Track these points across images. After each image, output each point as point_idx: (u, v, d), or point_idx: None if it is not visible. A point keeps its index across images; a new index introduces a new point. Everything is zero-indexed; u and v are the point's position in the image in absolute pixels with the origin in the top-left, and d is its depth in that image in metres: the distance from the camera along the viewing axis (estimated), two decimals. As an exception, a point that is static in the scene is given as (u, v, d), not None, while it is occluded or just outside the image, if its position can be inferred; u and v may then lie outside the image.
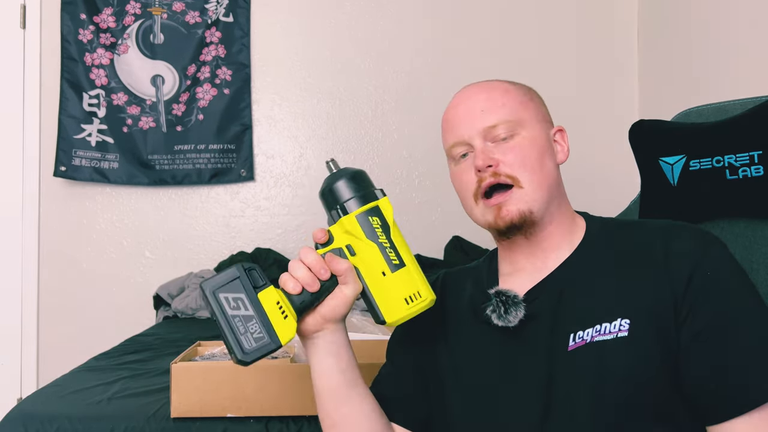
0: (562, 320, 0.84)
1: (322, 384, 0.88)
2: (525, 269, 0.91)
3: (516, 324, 0.85)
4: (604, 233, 0.90)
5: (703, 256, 0.80)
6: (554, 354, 0.83)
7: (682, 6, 2.51)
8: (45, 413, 1.27)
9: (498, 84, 0.92)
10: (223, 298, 0.79)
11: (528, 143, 0.87)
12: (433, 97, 2.75)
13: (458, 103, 0.92)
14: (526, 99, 0.91)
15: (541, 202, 0.87)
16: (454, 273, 1.02)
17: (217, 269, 2.59)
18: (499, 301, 0.86)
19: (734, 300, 0.79)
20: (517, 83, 0.93)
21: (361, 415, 0.89)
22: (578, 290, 0.86)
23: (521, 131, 0.88)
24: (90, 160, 2.73)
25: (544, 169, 0.88)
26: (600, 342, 0.80)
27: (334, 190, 0.85)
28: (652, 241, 0.84)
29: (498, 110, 0.88)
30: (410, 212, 2.84)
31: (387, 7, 2.88)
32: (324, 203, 0.86)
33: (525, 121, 0.88)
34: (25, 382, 2.70)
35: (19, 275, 2.72)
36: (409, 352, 0.97)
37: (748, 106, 1.32)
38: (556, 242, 0.90)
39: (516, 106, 0.89)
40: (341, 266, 0.82)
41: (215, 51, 2.80)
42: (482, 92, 0.90)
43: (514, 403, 0.85)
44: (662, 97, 2.70)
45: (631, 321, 0.80)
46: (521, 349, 0.86)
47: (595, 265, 0.87)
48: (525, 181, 0.86)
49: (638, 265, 0.83)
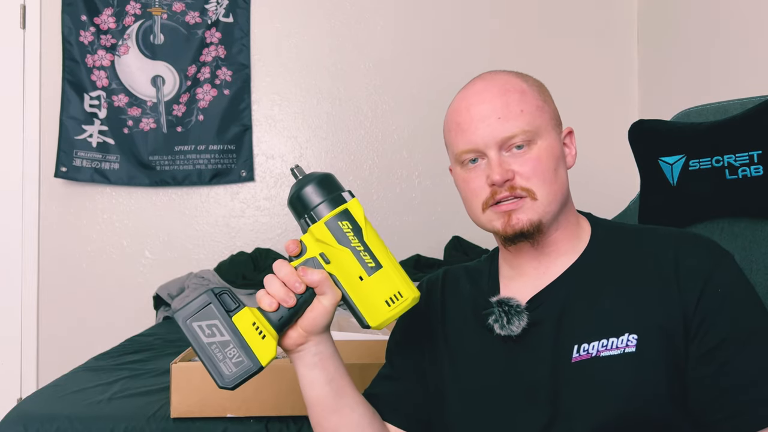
0: (567, 330, 0.83)
1: (309, 395, 0.86)
2: (528, 274, 0.90)
3: (519, 333, 0.84)
4: (611, 239, 0.89)
5: (713, 272, 0.80)
6: (558, 364, 0.82)
7: (682, 6, 2.51)
8: (45, 413, 1.27)
9: (513, 83, 0.87)
10: (196, 326, 0.78)
11: (545, 154, 0.84)
12: (433, 97, 2.75)
13: (471, 105, 0.86)
14: (541, 101, 0.87)
15: (552, 213, 0.85)
16: (454, 270, 1.00)
17: (217, 269, 2.59)
18: (501, 311, 0.85)
19: (746, 316, 0.79)
20: (529, 78, 0.89)
21: (351, 424, 0.87)
22: (583, 299, 0.84)
23: (538, 140, 0.84)
24: (91, 161, 2.73)
25: (558, 179, 0.85)
26: (606, 357, 0.79)
27: (302, 198, 0.81)
28: (661, 252, 0.83)
29: (516, 119, 0.83)
30: (410, 212, 2.84)
31: (387, 8, 2.88)
32: (293, 212, 0.83)
33: (542, 129, 0.85)
34: (25, 382, 2.70)
35: (19, 275, 2.72)
36: (409, 354, 0.96)
37: (748, 106, 1.32)
38: (561, 248, 0.89)
39: (533, 111, 0.85)
40: (315, 277, 0.79)
41: (215, 51, 2.80)
42: (498, 95, 0.85)
43: (515, 410, 0.84)
44: (662, 97, 2.70)
45: (639, 337, 0.79)
46: (524, 357, 0.85)
47: (600, 273, 0.86)
48: (540, 194, 0.83)
49: (646, 277, 0.82)
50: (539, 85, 0.90)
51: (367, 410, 0.90)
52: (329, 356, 0.85)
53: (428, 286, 1.00)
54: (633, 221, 1.54)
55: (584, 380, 0.80)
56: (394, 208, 2.84)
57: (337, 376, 0.86)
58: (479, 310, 0.89)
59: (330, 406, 0.86)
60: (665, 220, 1.43)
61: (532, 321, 0.84)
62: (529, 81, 0.89)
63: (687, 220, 1.41)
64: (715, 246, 0.84)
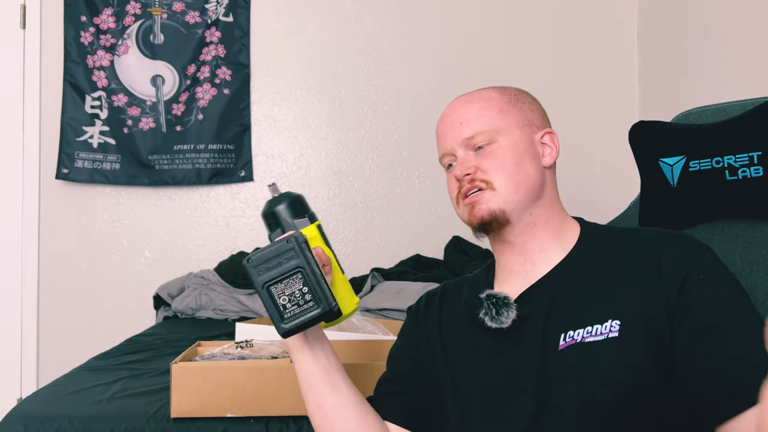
0: (554, 321, 0.87)
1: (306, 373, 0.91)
2: (517, 273, 0.94)
3: (509, 325, 0.88)
4: (598, 239, 0.93)
5: (693, 262, 0.83)
6: (545, 353, 0.85)
7: (682, 6, 2.51)
8: (45, 413, 1.27)
9: (483, 94, 0.97)
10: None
11: (505, 149, 0.92)
12: (433, 97, 2.75)
13: (444, 116, 0.98)
14: (507, 106, 0.95)
15: (515, 203, 0.91)
16: (453, 283, 1.05)
17: (217, 269, 2.59)
18: (490, 304, 0.89)
19: (729, 300, 0.81)
20: (506, 90, 0.98)
21: (350, 403, 0.91)
22: (570, 293, 0.88)
23: (498, 138, 0.92)
24: (92, 162, 2.73)
25: (522, 172, 0.92)
26: (590, 343, 0.82)
27: (303, 201, 0.94)
28: (646, 250, 0.87)
29: (475, 121, 0.93)
30: (410, 212, 2.84)
31: (387, 8, 2.88)
32: (290, 213, 0.92)
33: (503, 129, 0.93)
34: (25, 382, 2.70)
35: (19, 275, 2.72)
36: (407, 360, 1.00)
37: (747, 107, 1.32)
38: (541, 243, 0.93)
39: (494, 114, 0.94)
40: (325, 256, 0.89)
41: (215, 51, 2.80)
42: (464, 105, 0.96)
43: (507, 402, 0.86)
44: (662, 98, 2.70)
45: (621, 322, 0.82)
46: (514, 350, 0.88)
47: (588, 269, 0.89)
48: (498, 184, 0.91)
49: (631, 272, 0.86)
50: (517, 94, 0.98)
51: (364, 402, 0.93)
52: (322, 338, 0.93)
53: (427, 299, 1.05)
54: (633, 222, 1.54)
55: (569, 366, 0.83)
56: (394, 208, 2.84)
57: (331, 356, 0.92)
58: (473, 311, 0.93)
59: (327, 385, 0.90)
60: (665, 221, 1.43)
61: (521, 315, 0.88)
62: (505, 92, 0.98)
63: (687, 221, 1.41)
64: (696, 242, 0.87)
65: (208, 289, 2.46)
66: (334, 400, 0.90)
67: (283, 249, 0.81)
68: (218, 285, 2.47)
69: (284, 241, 0.81)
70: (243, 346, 1.32)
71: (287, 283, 0.80)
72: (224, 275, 2.51)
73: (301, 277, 0.80)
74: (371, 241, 2.80)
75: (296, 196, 0.94)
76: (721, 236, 1.34)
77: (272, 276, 0.80)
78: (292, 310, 0.80)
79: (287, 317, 0.80)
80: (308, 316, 0.80)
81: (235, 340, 1.39)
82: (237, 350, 1.30)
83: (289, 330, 0.81)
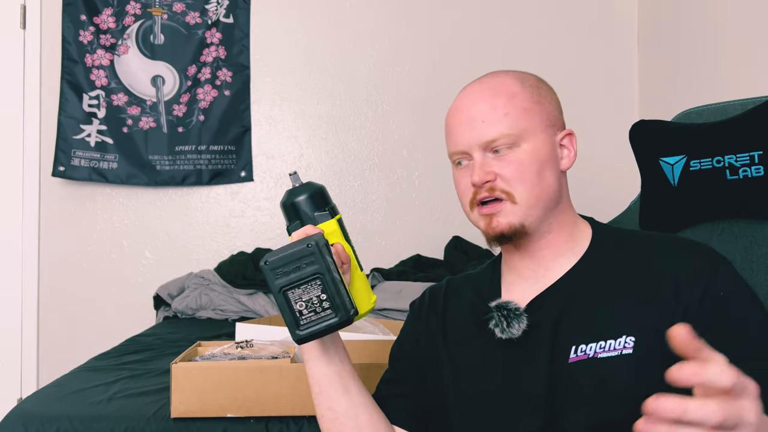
0: (565, 331, 0.84)
1: (318, 374, 0.88)
2: (527, 277, 0.91)
3: (520, 335, 0.85)
4: (611, 244, 0.89)
5: (712, 278, 0.80)
6: (555, 365, 0.82)
7: (682, 7, 2.51)
8: (45, 413, 1.27)
9: (503, 84, 0.88)
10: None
11: (528, 156, 0.85)
12: (433, 97, 2.76)
13: (461, 108, 0.89)
14: (532, 103, 0.87)
15: (535, 216, 0.86)
16: (457, 279, 1.02)
17: (217, 269, 2.59)
18: (500, 315, 0.86)
19: (751, 315, 0.79)
20: (526, 79, 0.90)
21: (361, 406, 0.88)
22: (582, 301, 0.85)
23: (522, 143, 0.85)
24: (89, 161, 2.73)
25: (543, 182, 0.86)
26: (603, 359, 0.80)
27: (325, 193, 0.90)
28: (662, 259, 0.84)
29: (500, 122, 0.85)
30: (410, 212, 2.84)
31: (387, 8, 2.88)
32: (311, 206, 0.88)
33: (528, 132, 0.86)
34: (25, 382, 2.70)
35: (20, 275, 2.72)
36: (410, 360, 0.98)
37: (748, 106, 1.32)
38: (558, 250, 0.89)
39: (519, 114, 0.86)
40: (345, 254, 0.85)
41: (216, 52, 2.80)
42: (486, 99, 0.87)
43: (514, 414, 0.84)
44: (662, 98, 2.70)
45: (636, 339, 0.79)
46: (523, 359, 0.85)
47: (600, 276, 0.86)
48: (520, 197, 0.85)
49: (646, 283, 0.83)
50: (538, 86, 0.90)
51: (375, 404, 0.91)
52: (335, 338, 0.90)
53: (431, 295, 1.01)
54: (634, 222, 1.54)
55: (580, 381, 0.80)
56: (394, 208, 2.84)
57: (344, 359, 0.90)
58: (479, 315, 0.90)
59: (339, 388, 0.88)
60: (666, 220, 1.43)
61: (531, 323, 0.85)
62: (526, 82, 0.89)
63: (687, 220, 1.41)
64: (714, 252, 0.84)
65: (208, 289, 2.45)
66: (346, 403, 0.88)
67: (303, 253, 0.76)
68: (218, 285, 2.47)
69: (304, 245, 0.77)
70: (243, 346, 1.32)
71: (305, 289, 0.77)
72: (224, 275, 2.51)
73: (319, 283, 0.76)
74: (371, 241, 2.80)
75: (318, 187, 0.89)
76: (721, 236, 1.34)
77: (290, 280, 0.76)
78: (308, 317, 0.77)
79: (303, 324, 0.77)
80: (325, 324, 0.77)
81: (235, 340, 1.39)
82: (237, 350, 1.30)
83: (304, 337, 0.77)
